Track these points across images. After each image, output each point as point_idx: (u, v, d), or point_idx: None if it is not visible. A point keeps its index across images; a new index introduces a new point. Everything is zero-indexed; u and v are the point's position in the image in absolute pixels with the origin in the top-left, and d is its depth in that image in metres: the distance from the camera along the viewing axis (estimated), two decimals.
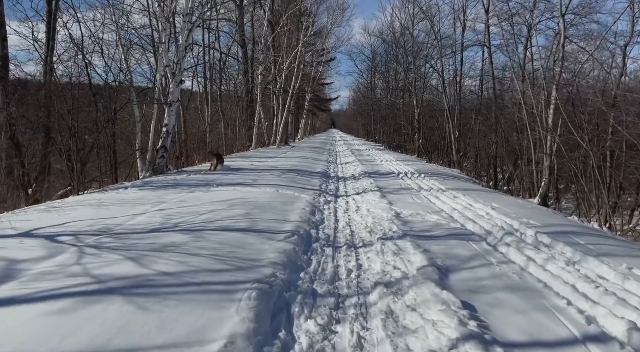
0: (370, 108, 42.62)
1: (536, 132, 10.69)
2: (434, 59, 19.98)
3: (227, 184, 9.49)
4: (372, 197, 9.00)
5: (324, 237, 5.76)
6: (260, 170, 13.02)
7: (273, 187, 9.30)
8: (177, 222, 5.72)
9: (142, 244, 4.55)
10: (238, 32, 25.97)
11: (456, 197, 8.93)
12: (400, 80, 32.19)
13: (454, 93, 19.16)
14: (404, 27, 26.07)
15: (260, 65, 25.96)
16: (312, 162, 16.96)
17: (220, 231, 5.24)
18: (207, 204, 7.05)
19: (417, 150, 25.25)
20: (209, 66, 17.11)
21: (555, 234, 5.53)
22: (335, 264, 4.63)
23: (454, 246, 5.09)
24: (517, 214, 6.88)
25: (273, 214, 6.57)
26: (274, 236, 5.20)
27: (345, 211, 7.73)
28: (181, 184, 9.59)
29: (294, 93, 30.59)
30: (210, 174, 11.55)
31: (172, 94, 12.51)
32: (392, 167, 16.24)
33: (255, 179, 10.57)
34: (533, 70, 11.53)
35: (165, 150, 12.58)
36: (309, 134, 61.49)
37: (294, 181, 10.85)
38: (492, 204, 7.84)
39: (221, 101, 22.00)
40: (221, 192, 8.45)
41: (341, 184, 11.71)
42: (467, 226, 6.20)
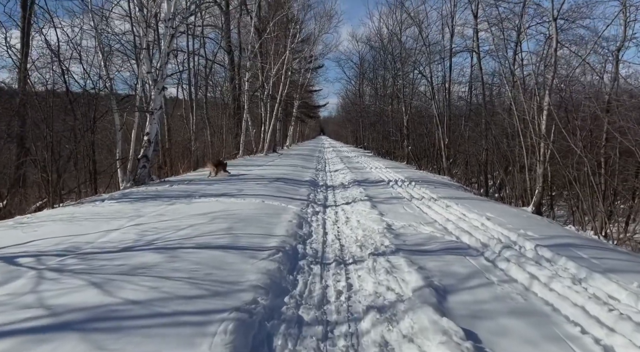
0: (358, 115, 42.44)
1: (528, 138, 10.46)
2: (422, 65, 19.84)
3: (210, 195, 9.08)
4: (362, 207, 8.66)
5: (312, 253, 5.38)
6: (247, 179, 12.61)
7: (259, 197, 8.92)
8: (152, 239, 5.30)
9: (110, 266, 4.13)
10: (224, 39, 25.63)
11: (449, 207, 8.62)
12: (388, 87, 32.05)
13: (443, 99, 18.98)
14: (392, 34, 25.95)
15: (247, 72, 25.61)
16: (300, 171, 16.59)
17: (199, 249, 4.84)
18: (188, 218, 6.64)
19: (407, 157, 25.03)
20: (193, 73, 16.71)
21: (556, 246, 5.22)
22: (324, 285, 4.26)
23: (451, 262, 4.75)
24: (514, 225, 6.58)
25: (257, 228, 6.18)
26: (257, 254, 4.81)
27: (335, 223, 7.36)
28: (162, 195, 9.15)
29: (282, 100, 30.27)
30: (193, 185, 11.13)
31: (154, 101, 12.09)
32: (382, 174, 15.94)
33: (241, 189, 10.17)
34: (523, 75, 11.35)
35: (147, 159, 12.13)
36: (297, 141, 61.17)
37: (281, 190, 10.47)
38: (487, 214, 7.54)
39: (207, 108, 21.57)
40: (203, 205, 8.04)
41: (330, 193, 11.35)
42: (463, 238, 5.87)
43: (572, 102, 9.33)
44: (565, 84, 9.31)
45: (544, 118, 8.84)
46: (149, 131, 12.11)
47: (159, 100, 12.22)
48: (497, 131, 13.07)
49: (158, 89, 12.09)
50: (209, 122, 21.61)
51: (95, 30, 11.74)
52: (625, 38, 8.42)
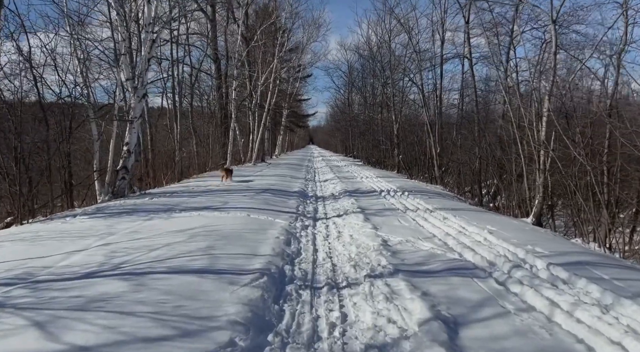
0: (348, 124, 42.06)
1: (524, 146, 10.04)
2: (413, 73, 19.49)
3: (192, 209, 8.47)
4: (354, 220, 8.11)
5: (301, 275, 4.81)
6: (232, 190, 12.01)
7: (244, 211, 8.33)
8: (120, 262, 4.69)
9: (63, 298, 3.52)
10: (210, 47, 25.09)
11: (446, 219, 8.11)
12: (378, 95, 31.72)
13: (434, 107, 18.61)
14: (381, 41, 25.64)
15: (235, 81, 25.08)
16: (289, 181, 16.02)
17: (171, 274, 4.25)
18: (164, 236, 6.03)
19: (397, 166, 24.60)
20: (177, 81, 16.14)
21: (570, 265, 4.72)
22: (314, 316, 3.69)
23: (457, 285, 4.21)
24: (519, 240, 6.08)
25: (240, 246, 5.59)
26: (238, 279, 4.23)
27: (325, 238, 6.80)
28: (140, 209, 8.52)
29: (270, 109, 29.75)
30: (175, 197, 10.51)
31: (133, 109, 11.48)
32: (373, 184, 15.44)
33: (225, 201, 9.57)
34: (518, 81, 10.98)
35: (127, 171, 11.48)
36: (286, 150, 60.64)
37: (268, 202, 9.89)
38: (488, 227, 7.04)
39: (192, 117, 20.94)
40: (183, 219, 7.44)
41: (320, 204, 10.80)
42: (467, 256, 5.35)
43: (573, 107, 8.94)
44: (565, 89, 8.92)
45: (544, 125, 8.43)
46: (129, 141, 11.48)
47: (139, 109, 11.61)
48: (491, 139, 12.66)
49: (138, 96, 11.49)
50: (194, 132, 20.98)
51: (71, 36, 11.13)
52: (627, 41, 8.08)
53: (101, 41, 12.94)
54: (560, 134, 8.30)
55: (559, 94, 8.90)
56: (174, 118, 17.02)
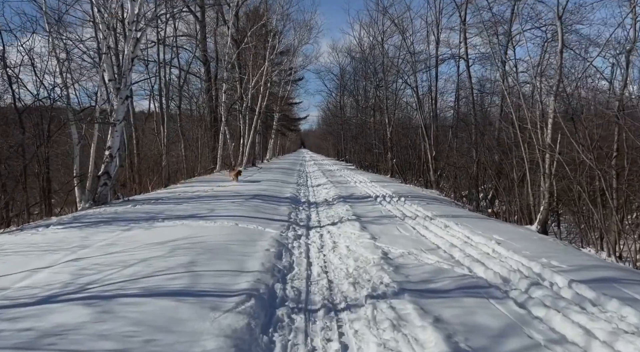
0: (340, 127, 41.60)
1: (526, 148, 9.60)
2: (407, 75, 19.07)
3: (176, 217, 7.90)
4: (350, 228, 7.60)
5: (294, 295, 4.27)
6: (221, 197, 11.44)
7: (232, 219, 7.77)
8: (88, 281, 4.13)
9: (10, 332, 2.95)
10: (200, 49, 24.52)
11: (448, 227, 7.62)
12: (370, 98, 31.32)
13: (429, 110, 18.18)
14: (373, 42, 25.19)
15: (225, 83, 24.51)
16: (280, 186, 15.47)
17: (145, 298, 3.69)
18: (142, 249, 5.47)
19: (391, 170, 24.15)
20: (164, 82, 15.54)
21: (594, 282, 4.23)
22: (310, 348, 3.16)
23: (473, 308, 3.70)
24: (530, 251, 5.60)
25: (226, 261, 5.04)
26: (221, 303, 3.68)
27: (320, 250, 6.27)
28: (120, 218, 7.93)
29: (261, 112, 29.21)
30: (160, 204, 9.92)
31: (116, 111, 10.88)
32: (368, 189, 14.94)
33: (212, 209, 9.00)
34: (518, 81, 10.54)
35: (109, 176, 10.87)
36: (278, 154, 60.11)
37: (258, 210, 9.34)
38: (494, 236, 6.56)
39: (181, 121, 20.33)
40: (166, 230, 6.87)
41: (313, 211, 10.27)
42: (477, 271, 4.84)
43: (581, 108, 8.53)
44: (572, 88, 8.50)
45: (550, 127, 7.99)
46: (111, 145, 10.88)
47: (122, 111, 11.01)
48: (490, 142, 12.24)
49: (121, 98, 10.89)
50: (182, 135, 20.36)
51: (49, 34, 10.52)
52: (636, 39, 7.68)
53: (83, 41, 12.34)
54: (567, 136, 7.85)
55: (565, 94, 8.47)
56: (160, 121, 16.40)
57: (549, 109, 8.16)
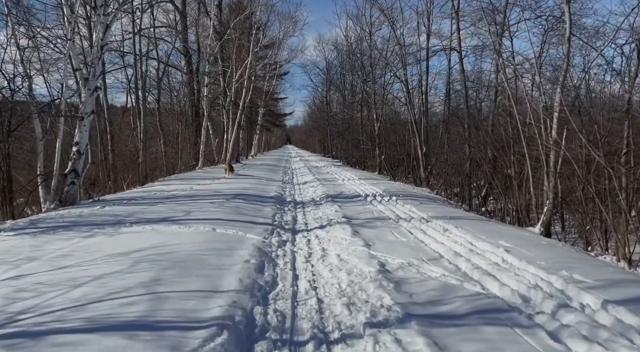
0: (326, 123, 40.84)
1: (524, 144, 9.00)
2: (396, 68, 18.39)
3: (147, 221, 7.09)
4: (341, 233, 6.89)
5: (276, 322, 3.53)
6: (200, 196, 10.63)
7: (210, 223, 6.99)
8: (21, 309, 3.34)
9: None
10: (180, 40, 23.47)
11: (447, 231, 6.96)
12: (358, 93, 30.63)
13: (419, 104, 17.54)
14: (362, 34, 24.41)
15: (207, 77, 23.55)
16: (265, 184, 14.70)
17: (87, 334, 2.91)
18: (100, 262, 4.67)
19: (379, 166, 23.53)
20: (141, 74, 14.60)
21: (631, 303, 3.59)
22: None
23: (497, 342, 3.01)
24: (545, 261, 4.95)
25: (198, 278, 4.28)
26: (184, 340, 2.93)
27: (307, 259, 5.54)
28: (83, 222, 7.09)
29: (245, 107, 28.29)
30: (132, 205, 9.08)
31: (84, 104, 9.98)
32: (357, 187, 14.26)
33: (189, 211, 8.21)
34: (520, 74, 9.93)
35: (77, 175, 9.98)
36: (263, 150, 59.13)
37: (239, 211, 8.58)
38: (500, 242, 5.91)
39: (160, 115, 19.37)
40: (133, 236, 6.07)
41: (299, 212, 9.54)
42: (491, 287, 4.17)
43: (590, 102, 7.94)
44: (579, 80, 7.91)
45: (555, 121, 7.39)
46: (79, 140, 9.98)
47: (91, 103, 10.11)
48: (485, 138, 11.63)
49: (89, 89, 9.99)
50: (162, 130, 19.40)
51: (7, 17, 9.56)
52: None
53: (49, 28, 11.34)
54: (573, 131, 7.24)
55: (572, 85, 7.87)
56: (137, 115, 15.44)
57: (554, 102, 7.54)
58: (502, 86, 11.66)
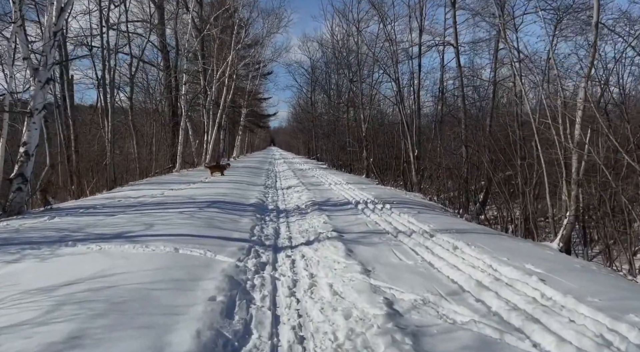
0: (311, 124, 39.67)
1: (536, 146, 7.99)
2: (387, 66, 17.35)
3: (97, 238, 5.82)
4: (331, 252, 5.73)
5: None
6: (170, 204, 9.37)
7: (173, 241, 5.76)
8: None
9: None
10: (155, 34, 22.06)
11: (458, 250, 5.85)
12: (344, 94, 29.55)
13: (411, 104, 16.52)
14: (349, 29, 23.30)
15: (185, 74, 22.18)
16: (245, 188, 13.46)
17: None
18: (8, 303, 3.44)
19: (366, 169, 22.46)
20: (108, 68, 13.23)
21: None
22: None
23: None
24: (597, 296, 3.86)
25: (137, 331, 3.05)
26: None
27: (292, 292, 4.37)
28: (16, 240, 5.78)
29: (226, 106, 26.99)
30: (87, 215, 7.78)
31: (33, 98, 8.64)
32: (345, 193, 13.12)
33: (152, 223, 6.94)
34: (520, 70, 8.93)
35: (24, 179, 8.63)
36: (246, 152, 57.75)
37: (212, 224, 7.35)
38: (529, 267, 4.82)
39: (132, 113, 17.96)
40: (71, 260, 4.81)
41: (283, 223, 8.35)
42: (543, 342, 3.06)
43: (622, 98, 6.97)
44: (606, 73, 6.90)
45: (579, 121, 6.37)
46: (27, 140, 8.64)
47: (42, 98, 8.77)
48: (488, 139, 10.61)
49: (40, 81, 8.66)
50: (134, 130, 17.98)
51: None
52: None
53: None
54: (598, 132, 6.23)
55: (598, 80, 6.87)
56: (105, 113, 14.04)
57: (577, 98, 6.52)
58: (512, 82, 10.65)
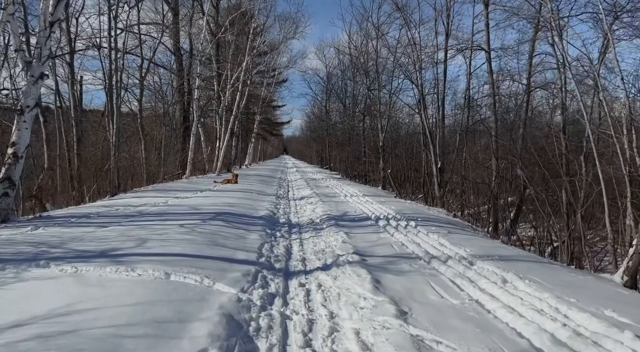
0: (325, 133, 38.78)
1: (590, 162, 6.94)
2: (409, 72, 16.40)
3: (75, 257, 4.89)
4: (355, 283, 4.73)
5: None
6: (171, 214, 8.47)
7: (165, 263, 4.81)
8: None
9: None
10: (169, 36, 21.44)
11: (509, 284, 4.81)
12: (360, 102, 28.63)
13: (434, 113, 15.52)
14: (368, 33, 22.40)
15: (198, 78, 21.49)
16: (255, 198, 12.55)
17: None
18: None
19: (383, 181, 21.44)
20: (115, 67, 12.50)
21: None
22: None
23: None
24: None
25: None
26: None
27: (307, 342, 3.40)
28: None
29: (239, 112, 26.24)
30: (77, 226, 6.90)
31: (24, 94, 7.85)
32: (362, 206, 12.13)
33: (145, 239, 6.02)
34: (563, 74, 7.92)
35: (12, 184, 7.81)
36: (258, 160, 57.12)
37: (215, 240, 6.40)
38: (610, 315, 3.78)
39: (141, 117, 17.22)
40: (34, 287, 3.88)
41: (295, 240, 7.37)
42: None
43: None
44: None
45: None
46: (17, 140, 7.84)
47: (34, 94, 7.98)
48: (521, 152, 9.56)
49: (33, 76, 7.87)
50: (143, 135, 17.23)
51: None
52: None
53: None
54: None
55: None
56: (109, 115, 13.28)
57: None
58: (556, 88, 9.58)
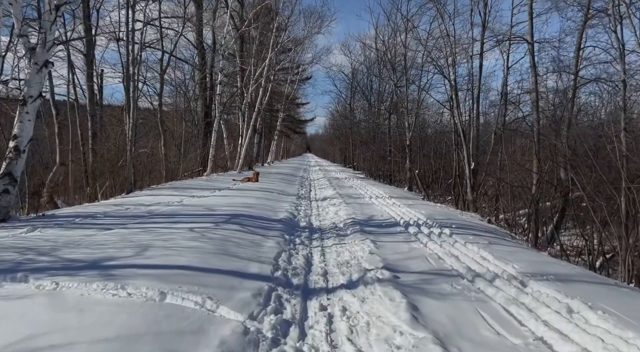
0: (349, 131, 37.89)
1: None
2: (442, 66, 15.36)
3: (60, 268, 4.23)
4: (387, 310, 3.93)
5: None
6: (183, 216, 7.81)
7: (164, 277, 4.09)
8: None
9: None
10: (194, 31, 20.95)
11: (577, 315, 3.91)
12: (386, 99, 27.66)
13: (469, 110, 14.48)
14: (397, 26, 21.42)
15: (220, 73, 20.95)
16: (275, 199, 11.83)
17: None
18: None
19: (409, 182, 20.47)
20: (132, 59, 11.96)
21: None
22: None
23: None
24: None
25: None
26: None
27: None
28: None
29: (261, 109, 25.63)
30: (77, 228, 6.28)
31: (27, 83, 7.31)
32: (389, 209, 11.26)
33: (147, 245, 5.32)
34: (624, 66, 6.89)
35: (13, 180, 7.28)
36: (281, 157, 56.69)
37: (226, 249, 5.66)
38: None
39: (161, 112, 16.73)
40: (7, 307, 3.20)
41: (316, 249, 6.59)
42: None
43: None
44: None
45: None
46: (18, 133, 7.30)
47: (38, 83, 7.42)
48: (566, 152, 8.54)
49: (36, 64, 7.31)
50: (163, 130, 16.73)
51: None
52: None
53: None
54: None
55: None
56: (126, 108, 12.76)
57: None
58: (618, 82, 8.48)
